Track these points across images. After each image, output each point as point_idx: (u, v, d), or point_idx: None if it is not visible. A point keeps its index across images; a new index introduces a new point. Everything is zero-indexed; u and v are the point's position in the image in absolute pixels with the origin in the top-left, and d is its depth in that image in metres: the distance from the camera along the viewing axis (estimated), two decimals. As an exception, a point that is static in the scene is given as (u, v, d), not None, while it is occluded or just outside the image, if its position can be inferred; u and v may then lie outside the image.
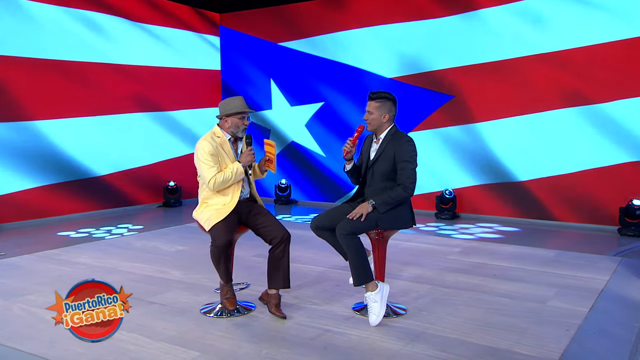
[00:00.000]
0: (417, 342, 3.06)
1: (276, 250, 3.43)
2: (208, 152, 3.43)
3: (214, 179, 3.41)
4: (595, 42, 6.49)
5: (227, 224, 3.37)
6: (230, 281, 3.51)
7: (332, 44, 8.38)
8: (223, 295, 3.52)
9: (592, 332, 3.26)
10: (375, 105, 3.44)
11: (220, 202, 3.48)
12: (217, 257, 3.35)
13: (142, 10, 8.30)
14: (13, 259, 5.07)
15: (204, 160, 3.43)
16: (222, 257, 3.35)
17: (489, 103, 7.21)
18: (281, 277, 3.44)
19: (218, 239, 3.31)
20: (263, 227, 3.48)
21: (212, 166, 3.42)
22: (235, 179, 3.46)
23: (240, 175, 3.47)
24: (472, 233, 6.44)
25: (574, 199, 6.77)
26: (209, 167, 3.42)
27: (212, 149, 3.44)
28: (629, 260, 5.05)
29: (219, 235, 3.32)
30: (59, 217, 7.24)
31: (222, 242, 3.29)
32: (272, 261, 3.46)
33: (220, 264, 3.38)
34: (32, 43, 6.95)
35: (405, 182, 3.34)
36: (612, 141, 6.50)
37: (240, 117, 3.51)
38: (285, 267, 3.44)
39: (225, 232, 3.32)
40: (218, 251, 3.32)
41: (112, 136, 7.93)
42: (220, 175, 3.42)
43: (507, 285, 4.18)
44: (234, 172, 3.44)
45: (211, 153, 3.43)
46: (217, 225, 3.35)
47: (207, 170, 3.42)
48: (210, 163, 3.42)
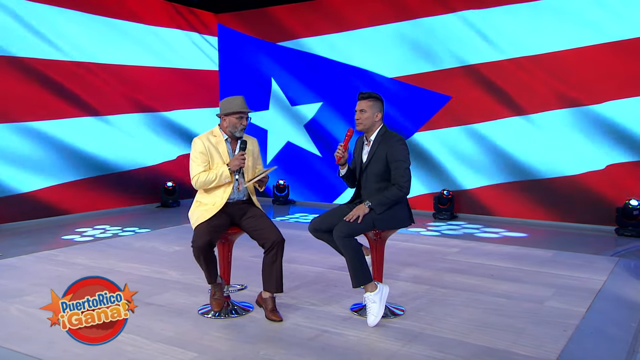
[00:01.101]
0: (415, 343, 3.06)
1: (269, 254, 3.40)
2: (198, 150, 3.46)
3: (197, 177, 3.44)
4: (589, 43, 6.51)
5: (211, 225, 3.34)
6: (214, 282, 3.46)
7: (331, 44, 8.38)
8: (211, 295, 3.52)
9: (589, 332, 3.27)
10: (367, 104, 3.45)
11: (210, 202, 3.47)
12: (197, 257, 3.33)
13: (141, 10, 8.29)
14: (10, 259, 5.06)
15: (193, 157, 3.48)
16: (202, 258, 3.31)
17: (488, 103, 7.22)
18: (274, 282, 3.40)
19: (197, 239, 3.29)
20: (256, 231, 3.45)
21: (198, 164, 3.45)
22: (219, 182, 3.43)
23: (225, 178, 3.43)
24: (470, 233, 6.45)
25: (572, 199, 6.78)
26: (196, 165, 3.46)
27: (203, 148, 3.46)
28: (626, 260, 5.06)
29: (198, 235, 3.30)
30: (56, 218, 7.23)
31: (200, 243, 3.27)
32: (265, 265, 3.44)
33: (202, 265, 3.36)
34: (31, 43, 6.94)
35: (400, 181, 3.34)
36: (609, 141, 6.51)
37: (239, 117, 3.50)
38: (277, 271, 3.39)
39: (206, 233, 3.28)
40: (197, 252, 3.30)
41: (109, 137, 7.92)
42: (204, 175, 3.43)
43: (505, 285, 4.18)
44: (218, 174, 3.42)
45: (201, 151, 3.45)
46: (201, 225, 3.34)
47: (194, 167, 3.46)
48: (197, 161, 3.45)
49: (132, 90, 8.20)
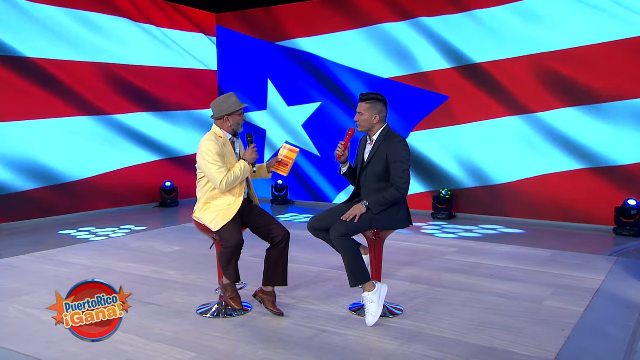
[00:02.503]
0: (413, 342, 3.07)
1: (277, 247, 3.45)
2: (216, 153, 3.39)
3: (226, 179, 3.38)
4: (594, 42, 6.52)
5: (236, 224, 3.38)
6: (239, 280, 3.49)
7: (329, 44, 8.38)
8: (227, 295, 3.49)
9: (587, 332, 3.28)
10: (365, 106, 3.44)
11: (226, 202, 3.46)
12: (229, 257, 3.34)
13: (140, 10, 8.28)
14: (8, 259, 5.05)
15: (212, 161, 3.38)
16: (234, 258, 3.36)
17: (486, 103, 7.22)
18: (280, 275, 3.46)
19: (230, 239, 3.31)
20: (264, 227, 3.49)
21: (221, 166, 3.39)
22: (243, 177, 3.46)
23: (247, 172, 3.48)
24: (469, 233, 6.46)
25: (570, 199, 6.78)
26: (219, 167, 3.38)
27: (219, 149, 3.42)
28: (625, 260, 5.07)
29: (231, 235, 3.31)
30: (54, 218, 7.22)
31: (234, 242, 3.30)
32: (272, 259, 3.47)
33: (231, 265, 3.37)
34: (30, 43, 6.94)
35: (398, 182, 3.33)
36: (608, 141, 6.52)
37: (240, 114, 3.53)
38: (284, 265, 3.47)
39: (236, 232, 3.33)
40: (230, 252, 3.32)
41: (108, 136, 7.91)
42: (231, 175, 3.40)
43: (504, 285, 4.19)
44: (242, 170, 3.44)
45: (218, 153, 3.40)
46: (227, 226, 3.35)
47: (217, 171, 3.37)
48: (219, 164, 3.39)
49: (132, 89, 8.18)
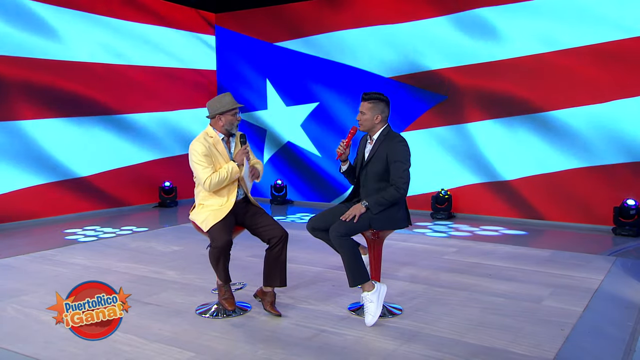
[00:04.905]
0: (412, 342, 3.07)
1: (275, 249, 3.44)
2: (201, 153, 3.43)
3: (210, 179, 3.40)
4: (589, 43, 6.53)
5: (226, 225, 3.38)
6: (229, 281, 3.51)
7: (328, 43, 8.37)
8: (221, 295, 3.51)
9: (586, 332, 3.28)
10: (367, 106, 3.44)
11: (217, 203, 3.48)
12: (217, 257, 3.35)
13: (138, 10, 8.27)
14: (7, 259, 5.04)
15: (197, 161, 3.43)
16: (222, 258, 3.36)
17: (485, 103, 7.22)
18: (278, 276, 3.46)
19: (218, 239, 3.31)
20: (262, 227, 3.49)
21: (206, 167, 3.42)
22: (230, 179, 3.46)
23: (235, 174, 3.47)
24: (468, 233, 6.46)
25: (569, 199, 6.79)
26: (204, 167, 3.42)
27: (205, 150, 3.44)
28: (623, 259, 5.07)
29: (218, 235, 3.32)
30: (53, 218, 7.21)
31: (221, 243, 3.30)
32: (270, 260, 3.47)
33: (220, 265, 3.38)
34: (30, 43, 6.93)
35: (398, 182, 3.33)
36: (607, 141, 6.52)
37: (233, 114, 3.52)
38: (283, 265, 3.47)
39: (224, 233, 3.32)
40: (217, 252, 3.32)
41: (107, 136, 7.90)
42: (216, 176, 3.41)
43: (503, 285, 4.19)
44: (229, 171, 3.44)
45: (204, 154, 3.43)
46: (216, 226, 3.36)
47: (202, 171, 3.41)
48: (204, 164, 3.42)
49: (131, 89, 8.17)
